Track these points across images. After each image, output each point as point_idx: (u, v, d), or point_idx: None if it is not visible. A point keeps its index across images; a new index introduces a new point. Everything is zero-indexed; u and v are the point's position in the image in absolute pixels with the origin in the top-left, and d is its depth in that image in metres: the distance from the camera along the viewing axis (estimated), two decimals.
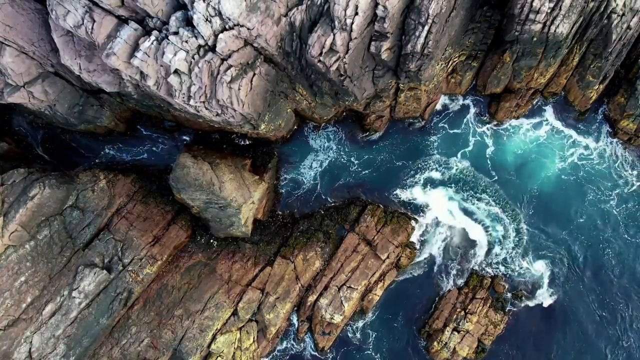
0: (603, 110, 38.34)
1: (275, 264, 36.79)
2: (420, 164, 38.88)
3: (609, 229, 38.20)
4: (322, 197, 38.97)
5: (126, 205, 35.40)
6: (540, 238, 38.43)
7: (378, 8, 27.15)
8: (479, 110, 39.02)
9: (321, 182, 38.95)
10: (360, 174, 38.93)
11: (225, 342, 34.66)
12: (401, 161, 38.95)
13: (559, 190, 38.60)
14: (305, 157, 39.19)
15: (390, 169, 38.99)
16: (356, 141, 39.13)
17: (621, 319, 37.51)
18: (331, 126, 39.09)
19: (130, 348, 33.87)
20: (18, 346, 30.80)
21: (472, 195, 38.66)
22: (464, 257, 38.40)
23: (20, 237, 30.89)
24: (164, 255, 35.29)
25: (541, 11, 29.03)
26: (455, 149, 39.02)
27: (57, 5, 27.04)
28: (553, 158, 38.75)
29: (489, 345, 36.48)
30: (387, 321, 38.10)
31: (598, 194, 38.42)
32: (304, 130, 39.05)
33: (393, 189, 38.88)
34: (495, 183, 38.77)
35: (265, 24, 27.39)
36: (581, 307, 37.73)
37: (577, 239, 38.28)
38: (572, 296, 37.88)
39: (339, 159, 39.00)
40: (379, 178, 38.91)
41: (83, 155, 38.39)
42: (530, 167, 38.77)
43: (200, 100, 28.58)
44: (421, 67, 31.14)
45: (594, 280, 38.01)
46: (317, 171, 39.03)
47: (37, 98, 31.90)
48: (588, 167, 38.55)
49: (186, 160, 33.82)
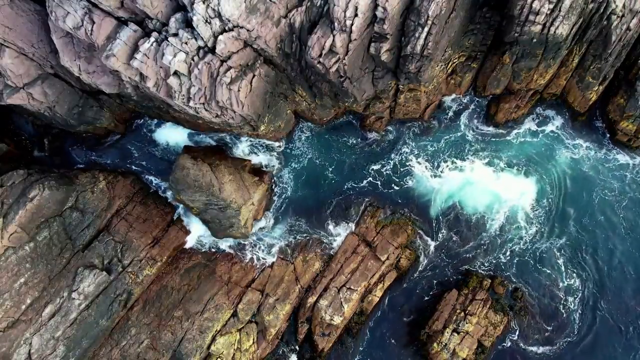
0: (602, 111, 38.40)
1: (275, 265, 36.80)
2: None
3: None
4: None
5: (126, 206, 35.39)
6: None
7: (378, 9, 27.15)
8: (478, 112, 39.09)
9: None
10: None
11: (225, 343, 34.64)
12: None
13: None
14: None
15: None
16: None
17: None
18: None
19: (130, 349, 33.84)
20: (17, 348, 30.76)
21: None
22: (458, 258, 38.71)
23: (19, 239, 30.85)
24: (164, 257, 35.29)
25: (541, 12, 29.02)
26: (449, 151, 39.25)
27: (57, 7, 27.05)
28: (552, 159, 38.81)
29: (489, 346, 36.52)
30: (386, 322, 38.08)
31: (598, 195, 38.51)
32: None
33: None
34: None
35: (265, 25, 27.39)
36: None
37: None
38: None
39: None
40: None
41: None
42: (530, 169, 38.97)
43: (199, 101, 28.57)
44: (421, 68, 31.14)
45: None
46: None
47: (36, 99, 31.89)
48: (588, 168, 38.71)
49: (186, 161, 33.81)
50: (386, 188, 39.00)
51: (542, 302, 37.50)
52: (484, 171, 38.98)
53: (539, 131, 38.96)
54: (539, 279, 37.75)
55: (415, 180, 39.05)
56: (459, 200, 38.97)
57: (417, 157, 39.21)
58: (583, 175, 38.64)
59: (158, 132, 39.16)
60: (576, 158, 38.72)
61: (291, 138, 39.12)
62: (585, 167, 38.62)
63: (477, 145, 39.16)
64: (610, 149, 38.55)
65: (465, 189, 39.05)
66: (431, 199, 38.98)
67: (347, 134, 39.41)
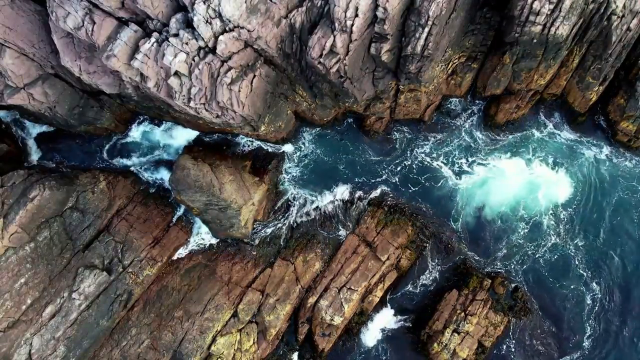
0: (602, 111, 38.42)
1: (275, 265, 36.80)
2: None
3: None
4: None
5: (126, 206, 35.39)
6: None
7: (378, 10, 27.17)
8: (478, 112, 39.11)
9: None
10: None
11: (225, 343, 34.64)
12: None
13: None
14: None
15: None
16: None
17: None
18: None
19: (130, 350, 33.84)
20: (18, 348, 30.75)
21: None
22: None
23: (20, 239, 30.85)
24: (164, 257, 35.29)
25: (541, 13, 29.04)
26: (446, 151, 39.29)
27: (58, 7, 27.05)
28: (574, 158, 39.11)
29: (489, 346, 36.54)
30: (386, 323, 38.06)
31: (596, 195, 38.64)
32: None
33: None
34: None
35: (266, 25, 27.40)
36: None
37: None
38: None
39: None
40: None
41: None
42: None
43: (200, 102, 28.57)
44: (421, 68, 31.17)
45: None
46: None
47: (37, 100, 31.89)
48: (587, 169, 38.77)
49: (186, 161, 33.81)
50: (401, 187, 39.31)
51: (551, 306, 37.72)
52: (487, 172, 39.11)
53: (539, 132, 39.05)
54: (548, 286, 38.04)
55: (420, 180, 39.31)
56: (459, 200, 39.10)
57: (417, 158, 39.27)
58: (603, 178, 38.89)
59: (158, 132, 39.18)
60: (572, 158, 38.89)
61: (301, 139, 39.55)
62: (603, 169, 38.87)
63: (477, 146, 39.22)
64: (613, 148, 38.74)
65: (466, 189, 39.12)
66: (443, 199, 39.35)
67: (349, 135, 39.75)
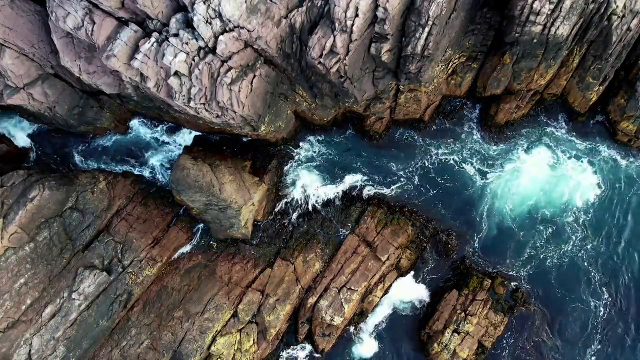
0: (603, 112, 38.42)
1: (276, 265, 36.77)
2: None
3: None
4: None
5: (126, 207, 35.37)
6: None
7: (378, 10, 27.15)
8: (478, 112, 39.12)
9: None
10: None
11: (225, 344, 34.63)
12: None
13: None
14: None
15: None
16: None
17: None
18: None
19: (130, 350, 33.83)
20: (18, 348, 30.74)
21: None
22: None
23: (20, 239, 30.83)
24: (164, 257, 35.27)
25: (541, 13, 29.02)
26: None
27: (58, 7, 27.02)
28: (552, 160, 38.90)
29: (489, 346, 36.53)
30: (387, 323, 38.05)
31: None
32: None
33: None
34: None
35: (266, 26, 27.38)
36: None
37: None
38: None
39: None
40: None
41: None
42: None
43: (200, 102, 28.56)
44: (421, 68, 31.15)
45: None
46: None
47: (37, 100, 31.88)
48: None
49: (186, 162, 33.79)
50: (401, 187, 39.28)
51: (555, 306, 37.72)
52: (487, 172, 39.13)
53: (538, 132, 39.04)
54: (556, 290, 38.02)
55: (419, 181, 39.29)
56: (459, 200, 39.10)
57: (417, 157, 39.35)
58: (604, 178, 38.85)
59: (158, 132, 39.18)
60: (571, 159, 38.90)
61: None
62: (605, 170, 38.84)
63: (477, 147, 39.22)
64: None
65: (464, 190, 39.14)
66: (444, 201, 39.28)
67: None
